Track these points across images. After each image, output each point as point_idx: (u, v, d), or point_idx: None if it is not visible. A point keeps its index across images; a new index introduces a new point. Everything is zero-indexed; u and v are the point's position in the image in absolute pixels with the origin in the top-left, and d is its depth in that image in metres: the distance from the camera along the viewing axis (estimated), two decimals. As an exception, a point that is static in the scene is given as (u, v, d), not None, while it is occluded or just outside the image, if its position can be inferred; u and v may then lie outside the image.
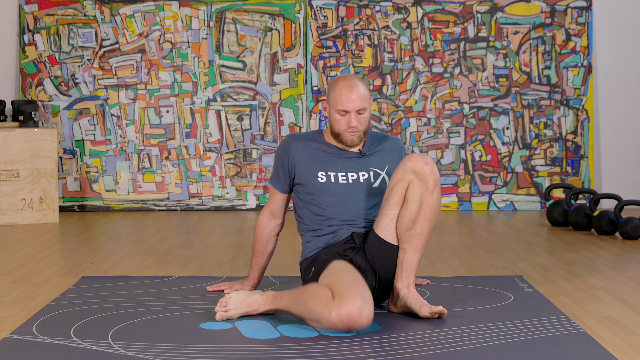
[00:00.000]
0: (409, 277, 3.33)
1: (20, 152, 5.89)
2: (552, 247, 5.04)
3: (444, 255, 4.73)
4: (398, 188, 3.33)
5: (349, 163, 3.57)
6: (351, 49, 6.62)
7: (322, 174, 3.56)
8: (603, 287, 3.93)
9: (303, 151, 3.59)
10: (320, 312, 3.04)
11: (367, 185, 3.55)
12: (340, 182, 3.55)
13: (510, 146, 6.62)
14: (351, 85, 3.47)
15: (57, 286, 3.93)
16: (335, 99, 3.49)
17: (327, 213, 3.54)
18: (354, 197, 3.54)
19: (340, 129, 3.52)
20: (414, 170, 3.29)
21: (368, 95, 3.51)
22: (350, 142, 3.53)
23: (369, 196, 3.55)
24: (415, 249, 3.33)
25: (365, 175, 3.57)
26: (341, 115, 3.49)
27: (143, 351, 2.92)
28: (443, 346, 2.97)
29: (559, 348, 2.95)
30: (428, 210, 3.30)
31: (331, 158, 3.58)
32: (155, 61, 6.60)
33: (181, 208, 6.60)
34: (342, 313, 2.99)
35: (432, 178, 3.29)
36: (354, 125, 3.48)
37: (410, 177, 3.30)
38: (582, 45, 6.62)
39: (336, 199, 3.53)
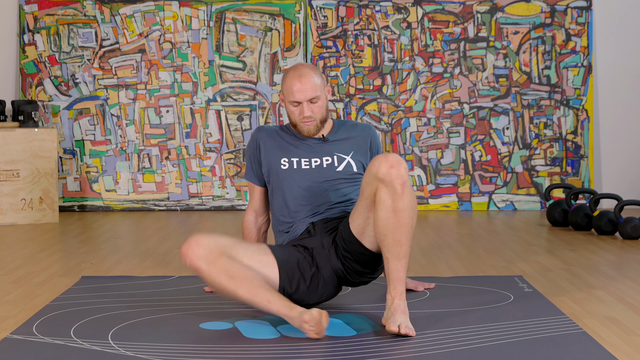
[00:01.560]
0: (396, 288, 3.14)
1: (20, 152, 5.89)
2: (552, 247, 5.04)
3: (444, 255, 4.73)
4: (367, 192, 3.20)
5: (312, 148, 3.53)
6: (351, 49, 6.62)
7: (285, 160, 3.53)
8: (603, 287, 3.93)
9: (267, 140, 3.58)
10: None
11: (330, 170, 3.50)
12: (303, 168, 3.51)
13: (510, 146, 6.62)
14: (300, 75, 3.43)
15: (57, 286, 3.93)
16: (286, 90, 3.47)
17: (293, 203, 3.48)
18: (318, 182, 3.48)
19: (295, 120, 3.49)
20: (378, 176, 3.12)
21: (321, 83, 3.46)
22: (307, 132, 3.50)
23: (336, 181, 3.49)
24: (397, 258, 3.14)
25: (329, 159, 3.52)
26: (294, 106, 3.46)
27: (143, 351, 2.92)
28: (443, 346, 2.97)
29: (559, 348, 2.95)
30: (402, 216, 3.11)
31: (294, 144, 3.55)
32: (155, 61, 6.60)
33: (181, 208, 6.60)
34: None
35: (398, 182, 3.10)
36: (308, 115, 3.45)
37: (376, 183, 3.14)
38: (582, 45, 6.62)
39: (300, 187, 3.48)
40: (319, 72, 3.51)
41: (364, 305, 3.51)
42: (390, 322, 3.08)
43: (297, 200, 3.50)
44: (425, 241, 5.20)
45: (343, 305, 3.54)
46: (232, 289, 3.14)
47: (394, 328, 3.05)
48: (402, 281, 3.16)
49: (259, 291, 3.14)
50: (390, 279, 3.16)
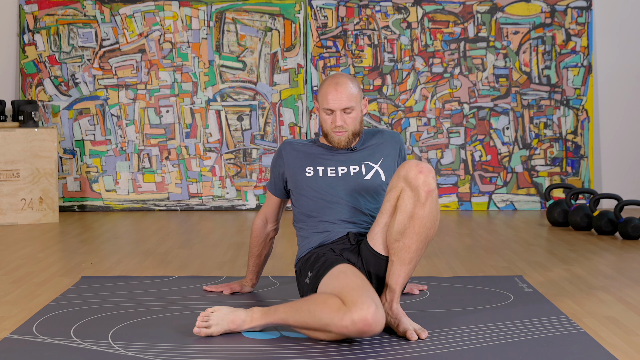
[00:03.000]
0: (392, 292, 3.12)
1: (20, 152, 5.89)
2: (552, 247, 5.04)
3: (444, 255, 4.73)
4: (390, 196, 3.15)
5: (340, 158, 3.47)
6: (351, 49, 6.62)
7: (310, 168, 3.47)
8: (603, 287, 3.93)
9: (293, 153, 3.52)
10: (330, 318, 2.92)
11: (358, 178, 3.43)
12: (328, 176, 3.44)
13: (510, 146, 6.62)
14: (337, 83, 3.38)
15: (57, 286, 3.93)
16: (321, 98, 3.41)
17: (319, 210, 3.42)
18: (344, 192, 3.41)
19: (327, 129, 3.42)
20: (407, 179, 3.08)
21: (358, 94, 3.40)
22: (337, 143, 3.43)
23: (362, 190, 3.42)
24: (402, 263, 3.11)
25: (357, 168, 3.45)
26: (327, 114, 3.40)
27: (143, 351, 2.92)
28: (443, 346, 2.97)
29: (559, 348, 2.95)
30: (417, 223, 3.06)
31: (321, 155, 3.48)
32: (155, 61, 6.60)
33: (181, 208, 6.60)
34: (356, 319, 2.88)
35: (424, 189, 3.05)
36: (339, 124, 3.38)
37: (402, 186, 3.10)
38: (582, 45, 6.62)
39: (325, 194, 3.42)
40: (358, 84, 3.44)
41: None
42: (400, 329, 3.07)
43: (323, 205, 3.42)
44: (425, 241, 5.19)
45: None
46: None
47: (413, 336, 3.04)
48: (401, 287, 3.15)
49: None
50: (390, 282, 3.14)
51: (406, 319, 3.12)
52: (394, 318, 3.11)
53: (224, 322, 3.10)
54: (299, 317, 3.01)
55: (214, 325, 3.09)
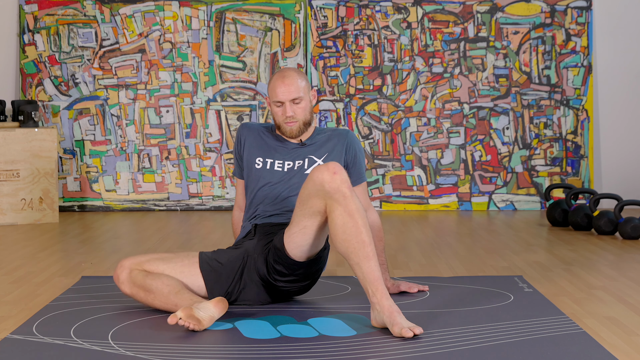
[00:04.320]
0: (377, 289, 3.11)
1: (20, 152, 5.89)
2: (552, 247, 5.04)
3: (444, 255, 4.73)
4: (311, 203, 3.20)
5: (288, 152, 3.62)
6: (351, 49, 6.62)
7: (260, 159, 3.63)
8: (603, 287, 3.93)
9: (249, 137, 3.68)
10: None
11: (299, 172, 3.58)
12: (275, 169, 3.60)
13: (510, 146, 6.62)
14: (284, 76, 3.55)
15: (57, 286, 3.93)
16: (271, 92, 3.59)
17: (254, 202, 3.59)
18: (285, 185, 3.57)
19: (279, 121, 3.59)
20: (324, 186, 3.14)
21: (305, 85, 3.56)
22: (290, 133, 3.59)
23: (299, 184, 3.53)
24: (367, 259, 3.12)
25: (301, 162, 3.60)
26: (277, 106, 3.57)
27: (143, 351, 2.92)
28: (443, 346, 2.97)
29: (559, 348, 2.95)
30: (357, 217, 3.13)
31: (273, 146, 3.64)
32: (155, 61, 6.60)
33: (181, 208, 6.60)
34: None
35: (345, 186, 3.14)
36: (290, 115, 3.54)
37: (324, 194, 3.16)
38: (582, 45, 6.62)
39: (268, 186, 3.58)
40: (304, 76, 3.61)
41: (363, 305, 3.51)
42: (396, 328, 3.06)
43: (258, 199, 3.60)
44: (425, 241, 5.20)
45: (343, 305, 3.54)
46: (150, 301, 3.39)
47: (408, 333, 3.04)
48: (381, 280, 3.14)
49: (169, 299, 3.34)
50: (368, 281, 3.13)
51: (401, 317, 3.10)
52: (388, 317, 3.10)
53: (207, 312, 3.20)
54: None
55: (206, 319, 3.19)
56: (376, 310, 3.14)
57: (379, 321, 3.15)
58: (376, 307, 3.13)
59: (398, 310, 3.12)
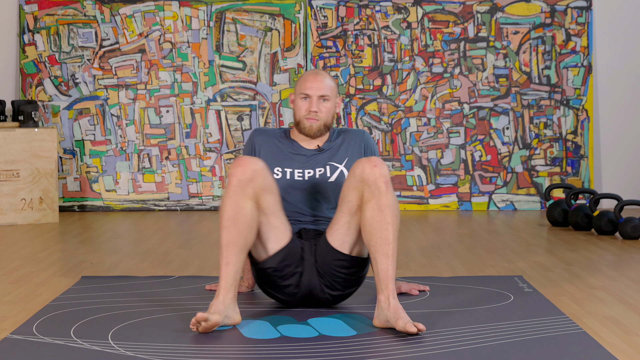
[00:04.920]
0: (387, 287, 3.16)
1: (20, 152, 5.89)
2: (552, 247, 5.04)
3: (444, 255, 4.73)
4: (351, 196, 3.25)
5: (307, 160, 3.55)
6: (351, 49, 6.62)
7: (279, 169, 3.55)
8: (603, 287, 3.93)
9: (265, 144, 3.59)
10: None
11: (322, 181, 3.52)
12: (295, 179, 3.53)
13: (510, 146, 6.62)
14: (317, 73, 3.54)
15: (57, 286, 3.93)
16: (299, 84, 3.54)
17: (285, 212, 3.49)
18: (309, 194, 3.51)
19: (300, 116, 3.53)
20: (363, 177, 3.19)
21: (334, 88, 3.54)
22: (309, 130, 3.52)
23: (327, 192, 3.51)
24: (385, 256, 3.17)
25: (322, 170, 3.54)
26: (303, 98, 3.51)
27: (143, 351, 2.92)
28: (443, 346, 2.97)
29: (559, 348, 2.95)
30: (387, 214, 3.17)
31: (289, 154, 3.57)
32: (155, 61, 6.60)
33: (181, 208, 6.60)
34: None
35: (382, 180, 3.18)
36: (314, 110, 3.49)
37: (362, 186, 3.20)
38: (582, 45, 6.62)
39: (291, 196, 3.50)
40: (335, 81, 3.60)
41: (363, 305, 3.51)
42: (400, 322, 3.08)
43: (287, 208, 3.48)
44: (425, 241, 5.20)
45: (343, 305, 3.54)
46: (223, 225, 3.20)
47: (412, 329, 3.05)
48: (393, 279, 3.19)
49: (232, 249, 3.19)
50: (381, 278, 3.18)
51: (404, 313, 3.13)
52: (392, 313, 3.12)
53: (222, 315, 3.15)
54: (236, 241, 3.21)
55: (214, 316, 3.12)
56: (381, 308, 3.16)
57: (382, 319, 3.16)
58: (381, 304, 3.16)
59: (402, 309, 3.15)
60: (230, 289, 3.17)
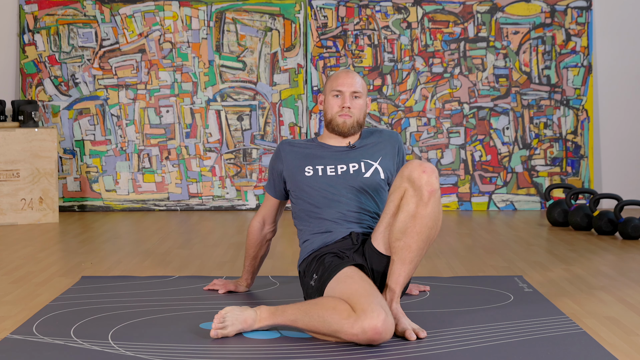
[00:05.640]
0: (392, 292, 3.13)
1: (20, 152, 5.89)
2: (552, 247, 5.04)
3: (444, 255, 4.73)
4: (395, 196, 3.18)
5: (338, 156, 3.49)
6: (351, 49, 6.62)
7: (310, 168, 3.48)
8: (603, 287, 3.93)
9: (292, 153, 3.53)
10: (340, 325, 2.92)
11: (357, 176, 3.44)
12: (328, 174, 3.45)
13: (510, 146, 6.62)
14: (348, 71, 3.53)
15: (57, 286, 3.93)
16: (331, 82, 3.51)
17: (319, 209, 3.42)
18: (344, 189, 3.42)
19: (333, 113, 3.48)
20: (410, 179, 3.12)
21: (365, 87, 3.53)
22: (342, 126, 3.47)
23: (362, 188, 3.42)
24: (402, 262, 3.13)
25: (356, 166, 3.46)
26: (335, 96, 3.48)
27: (143, 351, 2.92)
28: (443, 346, 2.97)
29: (559, 348, 2.95)
30: (419, 222, 3.10)
31: (320, 153, 3.50)
32: (155, 61, 6.60)
33: (181, 208, 6.60)
34: (366, 327, 2.88)
35: (427, 188, 3.10)
36: (347, 105, 3.45)
37: (406, 186, 3.14)
38: (582, 45, 6.62)
39: (326, 192, 3.42)
40: (365, 82, 3.63)
41: (364, 305, 3.51)
42: (399, 327, 3.06)
43: (323, 204, 3.42)
44: (425, 241, 5.19)
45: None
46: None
47: (412, 336, 3.03)
48: (401, 286, 3.16)
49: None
50: (390, 282, 3.15)
51: (405, 318, 3.11)
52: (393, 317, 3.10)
53: (237, 322, 3.09)
54: (308, 320, 3.00)
55: (230, 326, 3.08)
56: None
57: None
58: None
59: (403, 312, 3.14)
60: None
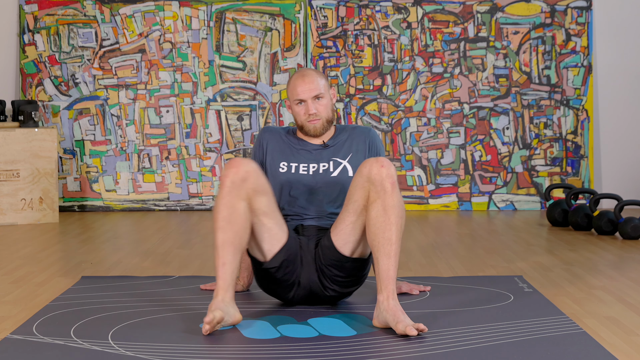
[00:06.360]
0: (387, 287, 3.16)
1: (20, 152, 5.89)
2: (552, 247, 5.04)
3: (444, 255, 4.73)
4: (357, 196, 3.26)
5: (312, 155, 3.59)
6: (351, 49, 6.62)
7: (284, 164, 3.59)
8: (603, 287, 3.93)
9: (272, 140, 3.63)
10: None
11: (325, 176, 3.55)
12: (300, 173, 3.56)
13: (510, 146, 6.62)
14: (303, 75, 3.55)
15: (57, 286, 3.93)
16: (290, 91, 3.56)
17: (287, 207, 3.55)
18: (312, 189, 3.54)
19: (301, 120, 3.57)
20: (370, 177, 3.20)
21: (325, 83, 3.55)
22: (314, 131, 3.56)
23: (329, 187, 3.53)
24: (387, 256, 3.17)
25: (326, 165, 3.57)
26: (299, 104, 3.55)
27: (143, 351, 2.92)
28: (443, 346, 2.97)
29: (559, 348, 2.95)
30: (392, 214, 3.18)
31: (296, 150, 3.60)
32: (155, 61, 6.60)
33: (181, 208, 6.60)
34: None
35: (389, 181, 3.19)
36: (313, 112, 3.52)
37: (367, 185, 3.22)
38: (582, 45, 6.62)
39: (296, 191, 3.54)
40: (323, 75, 3.62)
41: (363, 305, 3.51)
42: (400, 325, 3.07)
43: (290, 206, 3.55)
44: (425, 241, 5.20)
45: (343, 305, 3.54)
46: (218, 226, 3.20)
47: (413, 332, 3.04)
48: (393, 280, 3.19)
49: (228, 249, 3.19)
50: (381, 278, 3.18)
51: (404, 315, 3.12)
52: (391, 315, 3.12)
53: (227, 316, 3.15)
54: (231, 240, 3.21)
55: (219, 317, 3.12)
56: (380, 309, 3.16)
57: (381, 320, 3.16)
58: (381, 305, 3.16)
59: (402, 310, 3.14)
60: (228, 289, 3.17)
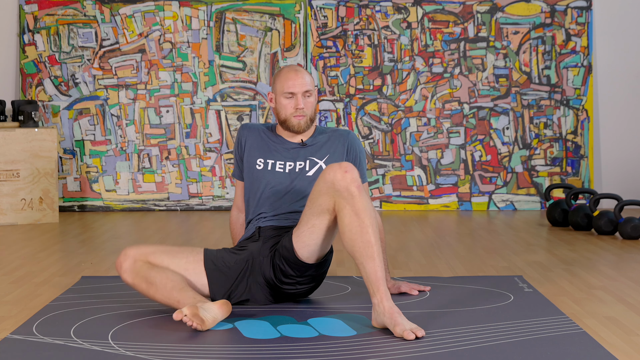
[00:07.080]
0: (379, 289, 3.12)
1: (20, 152, 5.89)
2: (552, 247, 5.04)
3: (444, 255, 4.73)
4: (321, 200, 3.24)
5: (289, 153, 3.61)
6: (351, 49, 6.62)
7: (261, 160, 3.62)
8: (603, 287, 3.93)
9: (250, 137, 3.66)
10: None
11: (300, 175, 3.57)
12: (276, 170, 3.59)
13: (510, 146, 6.63)
14: (296, 70, 3.59)
15: (57, 286, 3.93)
16: (281, 84, 3.58)
17: (256, 204, 3.57)
18: (287, 188, 3.56)
19: (287, 114, 3.58)
20: (335, 184, 3.18)
21: (312, 82, 3.60)
22: (297, 126, 3.58)
23: (303, 186, 3.56)
24: (371, 259, 3.13)
25: (302, 164, 3.59)
26: (288, 98, 3.56)
27: (143, 351, 2.92)
28: (443, 346, 2.97)
29: (559, 348, 2.95)
30: (364, 217, 3.15)
31: (273, 147, 3.62)
32: (155, 61, 6.60)
33: (181, 208, 6.60)
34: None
35: (354, 185, 3.16)
36: (301, 107, 3.54)
37: (334, 193, 3.19)
38: (582, 45, 6.62)
39: (271, 189, 3.56)
40: (310, 75, 3.67)
41: (363, 305, 3.51)
42: (398, 329, 3.06)
43: (262, 201, 3.58)
44: (425, 241, 5.20)
45: (343, 305, 3.54)
46: (152, 294, 3.34)
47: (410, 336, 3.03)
48: (383, 281, 3.16)
49: (172, 294, 3.30)
50: (371, 282, 3.15)
51: (402, 318, 3.10)
52: (389, 318, 3.10)
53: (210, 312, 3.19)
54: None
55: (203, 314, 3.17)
56: (377, 311, 3.15)
57: (380, 322, 3.15)
58: (377, 308, 3.14)
59: (399, 311, 3.13)
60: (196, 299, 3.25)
